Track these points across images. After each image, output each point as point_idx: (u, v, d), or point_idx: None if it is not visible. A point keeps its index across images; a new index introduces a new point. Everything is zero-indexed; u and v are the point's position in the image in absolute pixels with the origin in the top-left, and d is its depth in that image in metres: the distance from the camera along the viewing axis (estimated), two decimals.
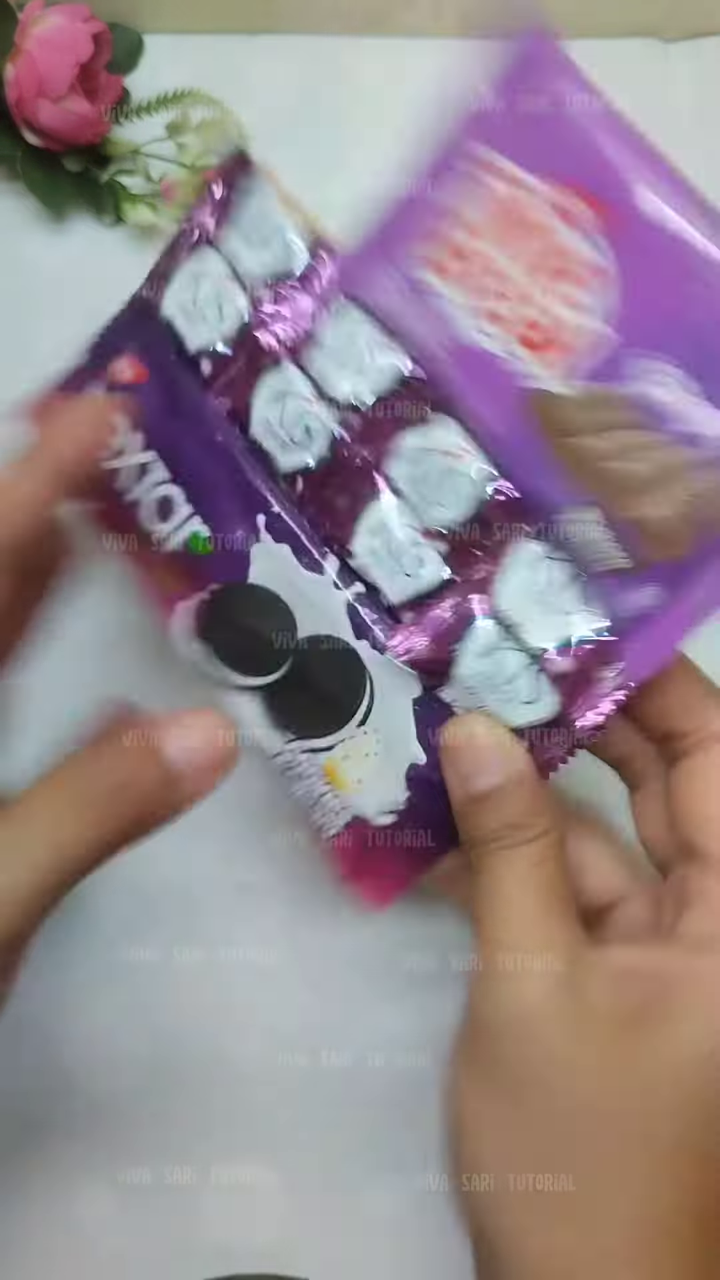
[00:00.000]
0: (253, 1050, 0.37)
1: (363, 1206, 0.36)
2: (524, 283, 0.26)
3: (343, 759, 0.31)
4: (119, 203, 0.44)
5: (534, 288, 0.26)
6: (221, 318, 0.31)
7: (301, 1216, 0.36)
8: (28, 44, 0.40)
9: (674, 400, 0.26)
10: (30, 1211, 0.35)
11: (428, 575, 0.29)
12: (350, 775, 0.31)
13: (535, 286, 0.26)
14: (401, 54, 0.46)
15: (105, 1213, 0.35)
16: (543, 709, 0.28)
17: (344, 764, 0.31)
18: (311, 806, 0.32)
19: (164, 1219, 0.36)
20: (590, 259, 0.26)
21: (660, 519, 0.26)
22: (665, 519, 0.26)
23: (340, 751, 0.31)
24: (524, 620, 0.28)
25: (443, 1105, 0.27)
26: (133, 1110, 0.36)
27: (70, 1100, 0.36)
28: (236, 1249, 0.35)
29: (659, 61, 0.46)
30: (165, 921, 0.37)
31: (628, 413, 0.26)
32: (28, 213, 0.44)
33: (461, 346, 0.27)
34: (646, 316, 0.26)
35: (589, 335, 0.26)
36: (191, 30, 0.46)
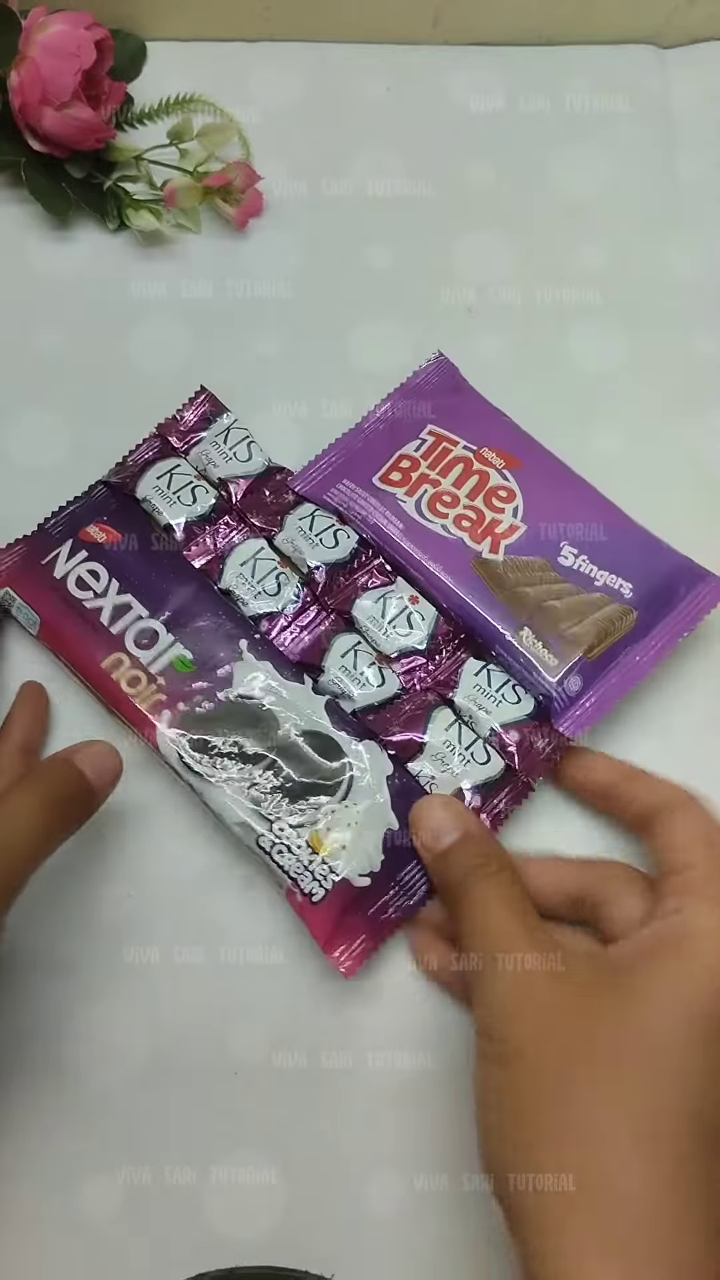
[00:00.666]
0: (253, 1050, 0.37)
1: (362, 1206, 0.36)
2: (459, 495, 0.40)
3: (327, 830, 0.36)
4: (122, 208, 0.44)
5: (465, 498, 0.40)
6: (195, 501, 0.40)
7: (301, 1215, 0.36)
8: (31, 50, 0.40)
9: (572, 565, 0.39)
10: (31, 1209, 0.36)
11: (388, 687, 0.38)
12: (333, 842, 0.36)
13: (466, 498, 0.40)
14: (400, 61, 0.47)
15: (106, 1211, 0.35)
16: (492, 769, 0.37)
17: (328, 835, 0.36)
18: (298, 876, 0.36)
19: (164, 1217, 0.36)
20: (503, 484, 0.41)
21: (575, 634, 0.38)
22: (579, 634, 0.38)
23: (324, 824, 0.36)
24: (474, 707, 0.38)
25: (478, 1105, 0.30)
26: (133, 1110, 0.36)
27: (71, 1099, 0.36)
28: (236, 1244, 0.35)
29: (656, 67, 0.46)
30: (165, 921, 0.38)
31: (544, 572, 0.39)
32: (32, 218, 0.44)
33: (414, 525, 0.40)
34: (545, 515, 0.40)
35: (507, 526, 0.40)
36: (194, 37, 0.47)
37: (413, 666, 0.38)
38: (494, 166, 0.46)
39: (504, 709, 0.38)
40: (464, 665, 0.38)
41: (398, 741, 0.37)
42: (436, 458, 0.41)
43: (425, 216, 0.46)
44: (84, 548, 0.39)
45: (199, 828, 0.39)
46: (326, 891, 0.35)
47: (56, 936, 0.37)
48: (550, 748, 0.37)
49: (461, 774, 0.37)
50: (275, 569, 0.39)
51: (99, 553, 0.39)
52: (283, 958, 0.37)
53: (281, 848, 0.36)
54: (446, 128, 0.46)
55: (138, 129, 0.45)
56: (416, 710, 0.38)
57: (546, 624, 0.38)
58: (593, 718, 0.37)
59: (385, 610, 0.39)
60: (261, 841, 0.36)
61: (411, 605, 0.39)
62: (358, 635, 0.39)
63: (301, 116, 0.46)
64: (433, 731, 0.37)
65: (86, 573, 0.39)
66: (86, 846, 0.38)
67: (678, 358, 0.45)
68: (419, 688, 0.38)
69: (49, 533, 0.40)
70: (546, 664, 0.38)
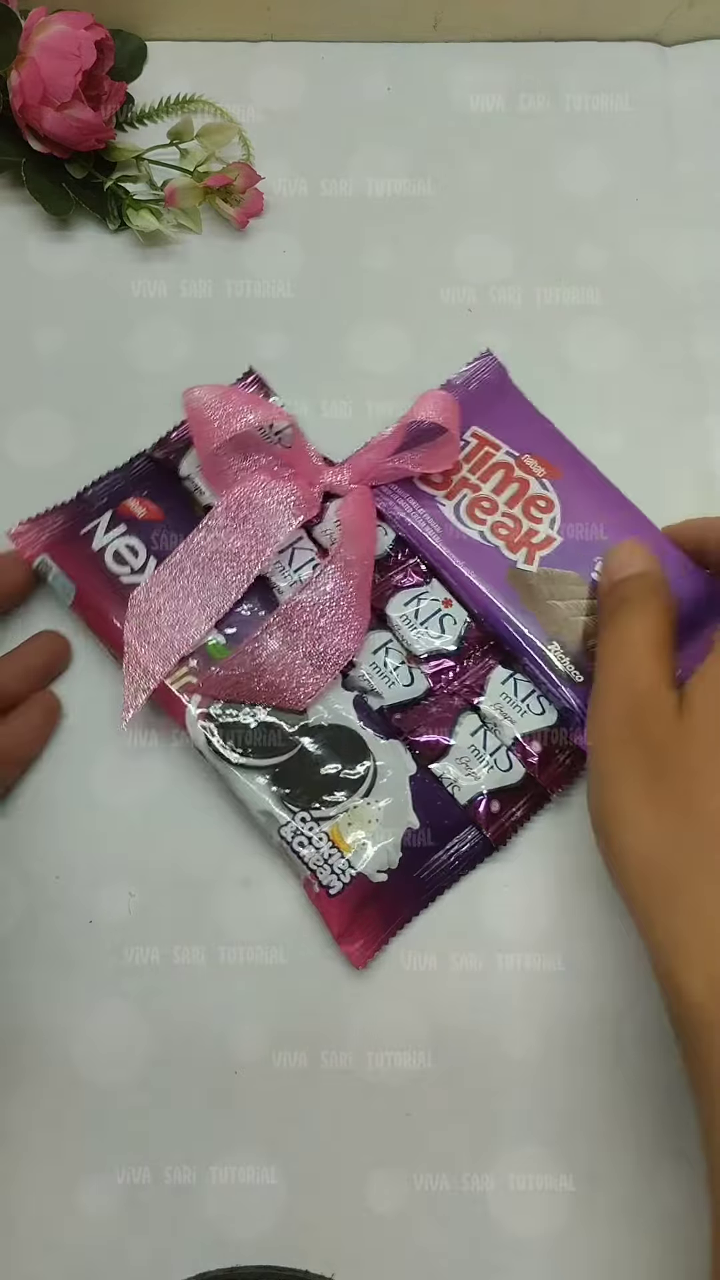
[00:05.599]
0: (253, 1050, 0.37)
1: (362, 1206, 0.36)
2: (498, 502, 0.40)
3: (348, 825, 0.37)
4: (123, 208, 0.44)
5: (504, 505, 0.40)
6: None
7: (301, 1215, 0.36)
8: (32, 51, 0.40)
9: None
10: (32, 1208, 0.36)
11: (416, 687, 0.38)
12: (354, 839, 0.37)
13: (505, 505, 0.40)
14: (400, 61, 0.47)
15: (106, 1211, 0.36)
16: (513, 776, 0.38)
17: (349, 830, 0.37)
18: (317, 868, 0.36)
19: (164, 1217, 0.36)
20: (542, 494, 0.40)
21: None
22: None
23: (346, 819, 0.37)
24: (499, 714, 0.38)
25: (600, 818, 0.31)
26: (133, 1109, 0.36)
27: (71, 1099, 0.36)
28: (237, 1244, 0.35)
29: (657, 66, 0.46)
30: (165, 921, 0.38)
31: (576, 586, 0.39)
32: (32, 219, 0.44)
33: (452, 530, 0.40)
34: (581, 529, 0.40)
35: (544, 537, 0.40)
36: (194, 37, 0.46)
37: (441, 669, 0.39)
38: (494, 166, 0.46)
39: (528, 719, 0.38)
40: (492, 672, 0.39)
41: (424, 742, 0.38)
42: (478, 462, 0.41)
43: (425, 216, 0.46)
44: (123, 521, 0.39)
45: (199, 827, 0.39)
46: (344, 885, 0.36)
47: (56, 936, 0.37)
48: (569, 760, 0.38)
49: (484, 779, 0.37)
50: (312, 559, 0.39)
51: (138, 528, 0.39)
52: (283, 958, 0.37)
53: (304, 839, 0.36)
54: (447, 127, 0.46)
55: (138, 129, 0.45)
56: (444, 713, 0.38)
57: (575, 639, 0.38)
58: None
59: (418, 611, 0.39)
60: (284, 831, 0.36)
61: (445, 608, 0.39)
62: (389, 633, 0.39)
63: (302, 116, 0.46)
64: (459, 735, 0.38)
65: (125, 548, 0.39)
66: (87, 846, 0.38)
67: (678, 358, 0.44)
68: (446, 690, 0.38)
69: (89, 502, 0.40)
70: (571, 680, 0.38)
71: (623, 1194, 0.36)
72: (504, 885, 0.38)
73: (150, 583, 0.38)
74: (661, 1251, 0.36)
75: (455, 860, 0.37)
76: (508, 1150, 0.36)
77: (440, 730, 0.38)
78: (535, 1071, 0.37)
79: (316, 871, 0.36)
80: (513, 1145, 0.36)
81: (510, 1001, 0.37)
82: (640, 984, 0.37)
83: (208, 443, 0.38)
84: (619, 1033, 0.37)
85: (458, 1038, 0.37)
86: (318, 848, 0.36)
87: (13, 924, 0.37)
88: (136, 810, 0.39)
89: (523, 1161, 0.36)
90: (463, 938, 0.38)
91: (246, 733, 0.37)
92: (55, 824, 0.38)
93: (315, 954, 0.37)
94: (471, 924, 0.38)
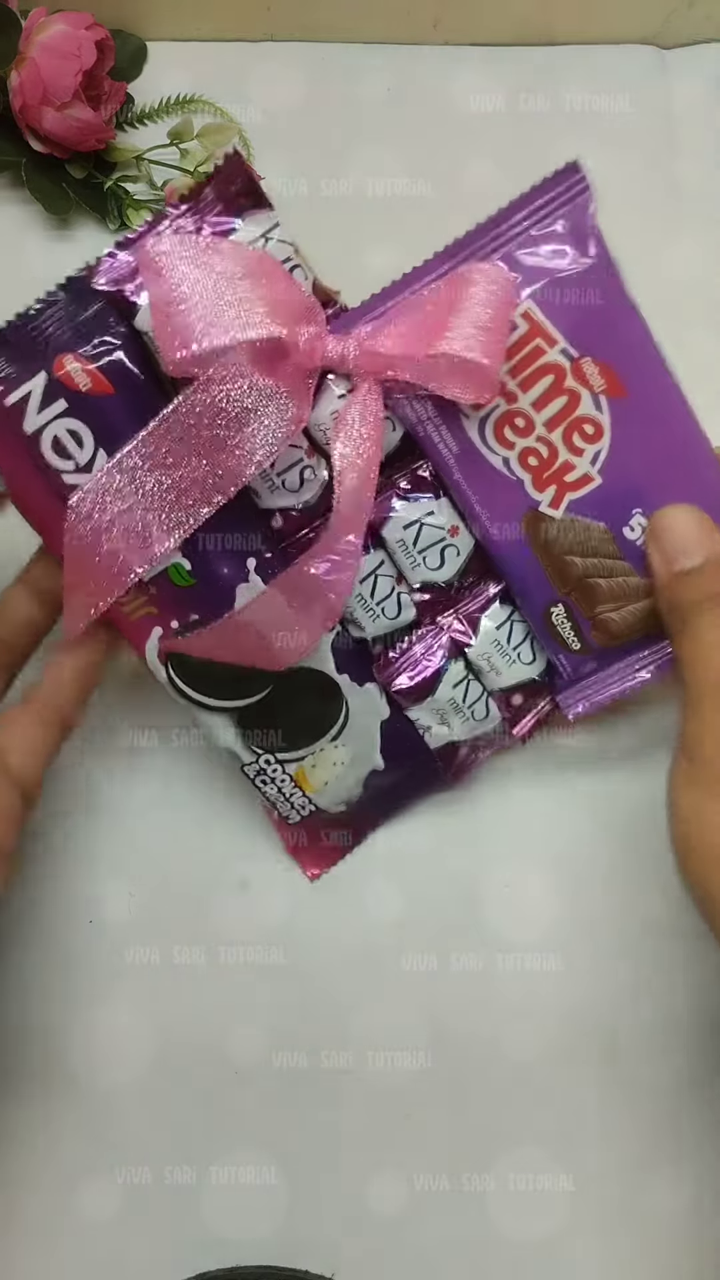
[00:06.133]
0: (253, 1050, 0.37)
1: (362, 1206, 0.36)
2: (535, 420, 0.32)
3: (312, 767, 0.35)
4: (123, 208, 0.44)
5: (542, 426, 0.32)
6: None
7: (301, 1215, 0.36)
8: (32, 51, 0.40)
9: (636, 539, 0.33)
10: (32, 1209, 0.36)
11: (403, 618, 0.34)
12: (317, 779, 0.36)
13: (544, 426, 0.32)
14: (401, 62, 0.47)
15: (106, 1211, 0.36)
16: (489, 724, 0.36)
17: (313, 771, 0.35)
18: (276, 802, 0.36)
19: (164, 1217, 0.36)
20: (592, 415, 0.31)
21: (610, 620, 0.34)
22: (614, 622, 0.34)
23: (310, 761, 0.35)
24: (486, 665, 0.35)
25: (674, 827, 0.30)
26: (133, 1110, 0.36)
27: (71, 1099, 0.36)
28: (237, 1244, 0.35)
29: (657, 67, 0.46)
30: (165, 921, 0.38)
31: (600, 542, 0.33)
32: (32, 219, 0.44)
33: (472, 452, 0.32)
34: (628, 472, 0.32)
35: (580, 475, 0.32)
36: (194, 37, 0.46)
37: (433, 599, 0.35)
38: (494, 167, 0.46)
39: (516, 669, 0.35)
40: (487, 611, 0.35)
41: (403, 690, 0.35)
42: (524, 360, 0.31)
43: (425, 217, 0.46)
44: (63, 394, 0.30)
45: (200, 827, 0.39)
46: (303, 817, 0.37)
47: (57, 936, 0.37)
48: (545, 714, 0.37)
49: (458, 730, 0.36)
50: (301, 459, 0.32)
51: (82, 406, 0.30)
52: (283, 958, 0.37)
53: (266, 778, 0.36)
54: (447, 128, 0.46)
55: (138, 129, 0.45)
56: (428, 658, 0.35)
57: (584, 603, 0.33)
58: (596, 704, 0.35)
59: (419, 537, 0.33)
60: (246, 769, 0.35)
61: (450, 537, 0.33)
62: (383, 555, 0.34)
63: (302, 117, 0.46)
64: (441, 688, 0.35)
65: (66, 433, 0.30)
66: (88, 846, 0.38)
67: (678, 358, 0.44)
68: (435, 624, 0.35)
69: (16, 346, 0.30)
70: (568, 645, 0.34)
71: (622, 1194, 0.36)
72: (504, 885, 0.38)
73: (98, 486, 0.30)
74: (661, 1251, 0.36)
75: (412, 792, 0.38)
76: (508, 1150, 0.36)
77: (421, 680, 0.35)
78: (535, 1071, 0.37)
79: (276, 804, 0.36)
80: (513, 1145, 0.36)
81: (510, 1001, 0.37)
82: (640, 984, 0.37)
83: (172, 331, 0.29)
84: (618, 1033, 0.37)
85: (458, 1038, 0.37)
86: (279, 786, 0.36)
87: (13, 924, 0.37)
88: (136, 810, 0.39)
89: (523, 1161, 0.36)
90: (463, 938, 0.38)
91: (212, 673, 0.33)
92: (54, 824, 0.38)
93: (315, 954, 0.37)
94: (471, 924, 0.38)
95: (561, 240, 0.31)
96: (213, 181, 0.31)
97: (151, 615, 0.32)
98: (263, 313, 0.29)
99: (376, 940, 0.38)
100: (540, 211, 0.31)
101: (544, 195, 0.31)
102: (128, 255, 0.30)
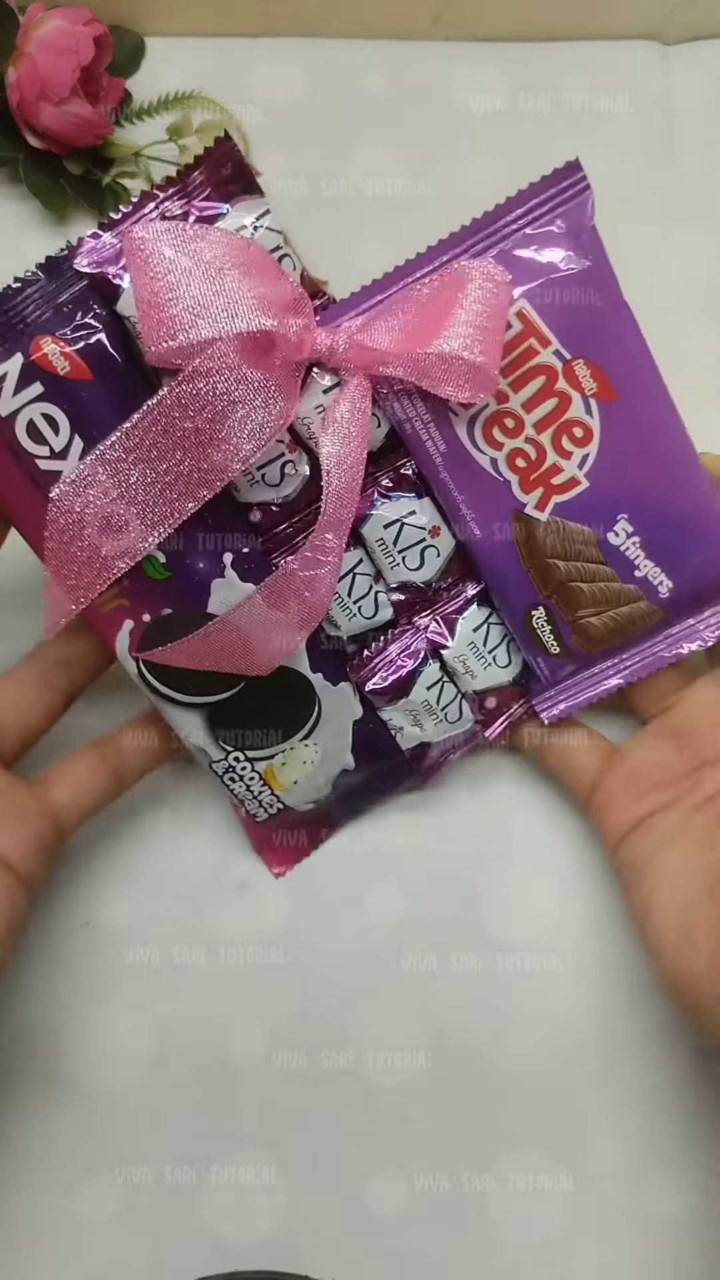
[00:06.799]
0: (253, 1050, 0.37)
1: (362, 1207, 0.36)
2: (525, 421, 0.32)
3: (281, 765, 0.35)
4: (120, 205, 0.44)
5: (531, 427, 0.32)
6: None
7: (301, 1216, 0.36)
8: (29, 47, 0.40)
9: (620, 545, 0.33)
10: (32, 1210, 0.36)
11: (379, 617, 0.34)
12: (286, 778, 0.35)
13: (533, 427, 0.32)
14: (401, 58, 0.46)
15: (106, 1211, 0.36)
16: (462, 726, 0.36)
17: (282, 770, 0.35)
18: (243, 800, 0.35)
19: (164, 1218, 0.36)
20: (582, 419, 0.32)
21: (590, 625, 0.34)
22: (594, 627, 0.34)
23: (281, 759, 0.35)
24: (461, 667, 0.35)
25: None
26: (133, 1110, 0.36)
27: (71, 1100, 0.36)
28: (236, 1247, 0.35)
29: (658, 64, 0.46)
30: (165, 921, 0.38)
31: (585, 546, 0.33)
32: (30, 215, 0.44)
33: (460, 452, 0.32)
34: (615, 477, 0.32)
35: (568, 478, 0.32)
36: (193, 33, 0.46)
37: (411, 600, 0.35)
38: (494, 163, 0.46)
39: (491, 673, 0.35)
40: (465, 613, 0.35)
41: (376, 690, 0.35)
42: (517, 360, 0.31)
43: (425, 214, 0.45)
44: (39, 377, 0.29)
45: (200, 827, 0.39)
46: (270, 816, 0.36)
47: (56, 937, 0.37)
48: (518, 718, 0.37)
49: (430, 732, 0.35)
50: (283, 454, 0.32)
51: (59, 390, 0.29)
52: (283, 958, 0.37)
53: (235, 775, 0.35)
54: (446, 124, 0.46)
55: (136, 125, 0.45)
56: (403, 659, 0.34)
57: (564, 607, 0.34)
58: (572, 706, 0.36)
59: (399, 537, 0.33)
60: (215, 765, 0.35)
61: (430, 538, 0.33)
62: (361, 553, 0.34)
63: (301, 113, 0.46)
64: (415, 690, 0.34)
65: (41, 417, 0.30)
66: (88, 847, 0.38)
67: (678, 357, 0.44)
68: (411, 625, 0.35)
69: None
70: (547, 649, 0.35)
71: (622, 1194, 0.36)
72: (504, 885, 0.38)
73: (80, 479, 0.29)
74: (661, 1251, 0.36)
75: (381, 791, 0.38)
76: (508, 1150, 0.36)
77: (396, 681, 0.34)
78: (535, 1071, 0.37)
79: (244, 803, 0.36)
80: (513, 1145, 0.36)
81: (510, 1001, 0.37)
82: (640, 984, 0.37)
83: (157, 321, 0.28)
84: (619, 1033, 0.37)
85: (458, 1038, 0.37)
86: (248, 785, 0.35)
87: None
88: (135, 811, 0.39)
89: (523, 1161, 0.36)
90: (463, 938, 0.38)
91: (183, 668, 0.32)
92: None
93: (315, 954, 0.37)
94: (472, 924, 0.38)
95: (558, 240, 0.31)
96: (202, 164, 0.30)
97: (123, 608, 0.31)
98: (251, 304, 0.28)
99: (376, 940, 0.38)
100: (538, 210, 0.31)
101: (542, 193, 0.31)
102: (112, 237, 0.30)
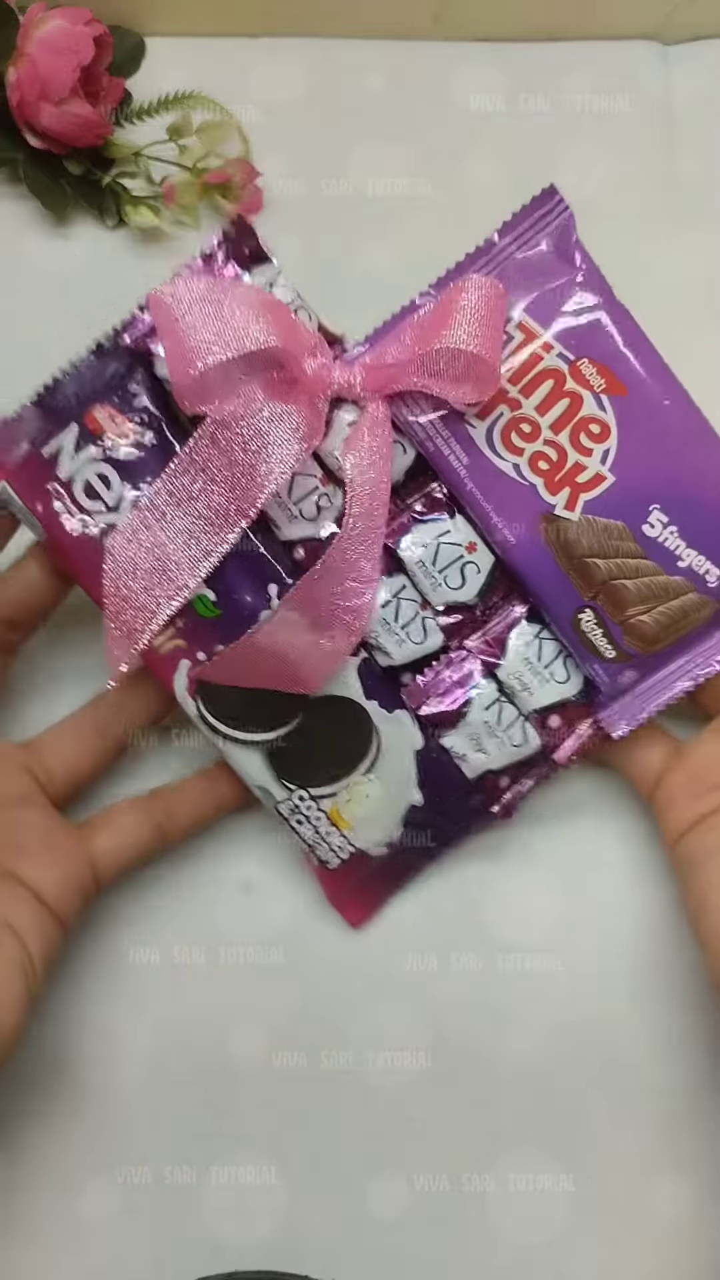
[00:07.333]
0: (253, 1050, 0.37)
1: (362, 1207, 0.36)
2: (541, 424, 0.32)
3: (346, 801, 0.35)
4: (121, 205, 0.44)
5: (548, 429, 0.32)
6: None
7: (301, 1216, 0.36)
8: (29, 47, 0.40)
9: (658, 536, 0.32)
10: (32, 1210, 0.36)
11: (430, 643, 0.34)
12: (352, 814, 0.35)
13: (550, 429, 0.32)
14: (401, 57, 0.46)
15: (106, 1211, 0.36)
16: (528, 749, 0.35)
17: (347, 806, 0.35)
18: (314, 845, 0.35)
19: (164, 1218, 0.36)
20: (597, 415, 0.32)
21: (642, 624, 0.33)
22: (646, 625, 0.33)
23: (345, 796, 0.34)
24: (518, 684, 0.34)
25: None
26: (133, 1110, 0.36)
27: (71, 1100, 0.36)
28: (236, 1247, 0.35)
29: (658, 64, 0.46)
30: (165, 921, 0.38)
31: (622, 541, 0.32)
32: (30, 215, 0.44)
33: (483, 461, 0.33)
34: (640, 467, 0.32)
35: (592, 474, 0.32)
36: (193, 33, 0.46)
37: (459, 622, 0.35)
38: (495, 164, 0.46)
39: (549, 689, 0.35)
40: (515, 629, 0.34)
41: (433, 715, 0.35)
42: (524, 366, 0.32)
43: (425, 214, 0.45)
44: (92, 441, 0.32)
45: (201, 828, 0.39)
46: (342, 861, 0.36)
47: None
48: (588, 737, 0.35)
49: (495, 756, 0.35)
50: (317, 489, 0.33)
51: (109, 450, 0.33)
52: (283, 958, 0.37)
53: (301, 817, 0.35)
54: (446, 124, 0.46)
55: (136, 125, 0.45)
56: (458, 681, 0.35)
57: (612, 607, 0.33)
58: (639, 717, 0.34)
59: (437, 557, 0.34)
60: (281, 808, 0.35)
61: (468, 554, 0.34)
62: (404, 579, 0.34)
63: (301, 113, 0.46)
64: (473, 709, 0.34)
65: (96, 477, 0.32)
66: None
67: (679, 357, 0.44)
68: (463, 647, 0.35)
69: (53, 407, 0.33)
70: (602, 654, 0.34)
71: (622, 1194, 0.36)
72: (504, 885, 0.38)
73: (130, 526, 0.32)
74: (661, 1251, 0.36)
75: (456, 828, 0.36)
76: (508, 1150, 0.36)
77: (452, 703, 0.34)
78: (535, 1072, 0.37)
79: (314, 848, 0.36)
80: (513, 1145, 0.36)
81: (510, 1002, 0.37)
82: (640, 984, 0.37)
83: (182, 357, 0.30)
84: (619, 1033, 0.37)
85: (458, 1038, 0.37)
86: (315, 826, 0.35)
87: None
88: None
89: (523, 1162, 0.36)
90: (463, 938, 0.38)
91: (241, 706, 0.34)
92: None
93: (315, 954, 0.37)
94: (472, 924, 0.38)
95: (547, 258, 0.33)
96: (224, 246, 0.33)
97: (180, 648, 0.33)
98: (264, 325, 0.30)
99: (376, 940, 0.38)
100: (525, 234, 0.33)
101: (526, 220, 0.33)
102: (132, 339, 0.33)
